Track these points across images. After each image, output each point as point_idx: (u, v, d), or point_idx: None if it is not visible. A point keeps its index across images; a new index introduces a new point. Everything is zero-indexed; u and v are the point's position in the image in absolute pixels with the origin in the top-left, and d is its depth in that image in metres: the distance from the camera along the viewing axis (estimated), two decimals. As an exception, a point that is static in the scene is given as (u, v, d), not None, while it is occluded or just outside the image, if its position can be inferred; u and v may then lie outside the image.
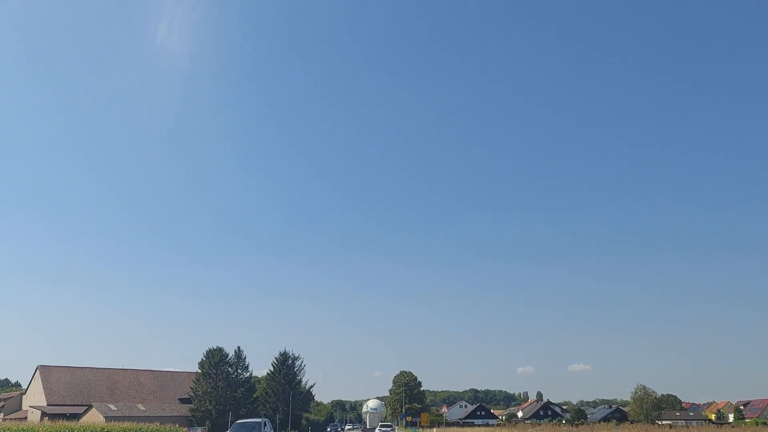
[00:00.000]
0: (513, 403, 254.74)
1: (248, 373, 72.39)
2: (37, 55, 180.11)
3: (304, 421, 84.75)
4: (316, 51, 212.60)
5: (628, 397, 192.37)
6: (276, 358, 77.37)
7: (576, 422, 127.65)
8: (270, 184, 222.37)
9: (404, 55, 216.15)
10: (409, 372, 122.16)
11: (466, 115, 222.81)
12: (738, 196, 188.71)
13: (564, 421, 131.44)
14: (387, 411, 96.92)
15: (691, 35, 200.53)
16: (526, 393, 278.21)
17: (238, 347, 72.81)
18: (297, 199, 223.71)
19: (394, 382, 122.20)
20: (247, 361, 73.15)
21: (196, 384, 69.26)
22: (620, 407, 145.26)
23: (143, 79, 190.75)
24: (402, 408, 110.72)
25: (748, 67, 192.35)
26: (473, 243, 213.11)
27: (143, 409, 68.03)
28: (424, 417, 52.44)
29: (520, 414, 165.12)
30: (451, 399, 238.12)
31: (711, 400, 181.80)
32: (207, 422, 66.77)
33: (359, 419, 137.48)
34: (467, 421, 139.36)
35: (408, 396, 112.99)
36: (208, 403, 67.26)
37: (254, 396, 72.94)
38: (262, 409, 74.64)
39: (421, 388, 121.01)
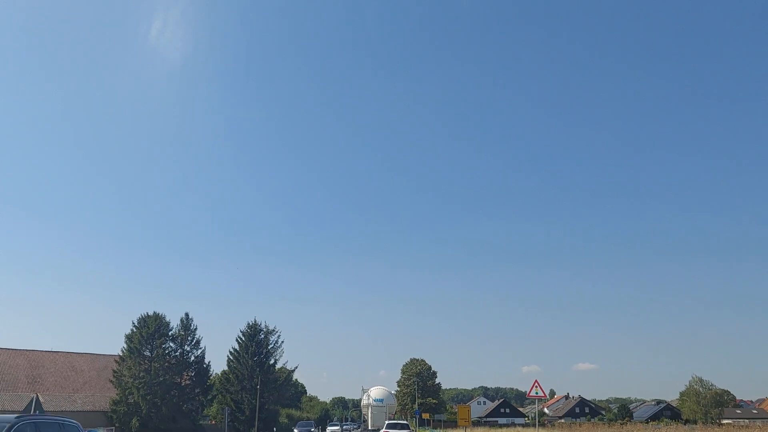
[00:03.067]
0: (526, 401, 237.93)
1: (200, 351, 51.10)
2: (31, 53, 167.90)
3: (285, 419, 63.39)
4: (314, 51, 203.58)
5: (640, 396, 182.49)
6: (242, 332, 55.97)
7: (621, 421, 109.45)
8: (267, 185, 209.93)
9: (403, 55, 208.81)
10: (422, 360, 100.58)
11: (466, 117, 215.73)
12: (746, 195, 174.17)
13: (607, 420, 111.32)
14: (396, 405, 74.88)
15: (690, 36, 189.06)
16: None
17: (186, 314, 51.60)
18: (297, 202, 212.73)
19: (403, 372, 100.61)
20: (200, 334, 51.79)
21: (119, 365, 48.05)
22: (670, 404, 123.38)
23: (136, 79, 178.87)
24: (414, 403, 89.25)
25: (746, 68, 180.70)
26: (475, 245, 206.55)
27: (41, 401, 46.73)
28: (462, 411, 31.25)
29: (547, 411, 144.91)
30: (460, 397, 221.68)
31: (763, 396, 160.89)
32: (134, 420, 45.54)
33: (363, 418, 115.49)
34: (490, 419, 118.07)
35: (420, 389, 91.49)
36: (136, 394, 46.04)
37: (208, 383, 51.60)
38: (220, 401, 53.39)
39: (436, 380, 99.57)
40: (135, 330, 48.60)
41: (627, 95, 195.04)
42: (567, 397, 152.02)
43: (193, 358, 50.86)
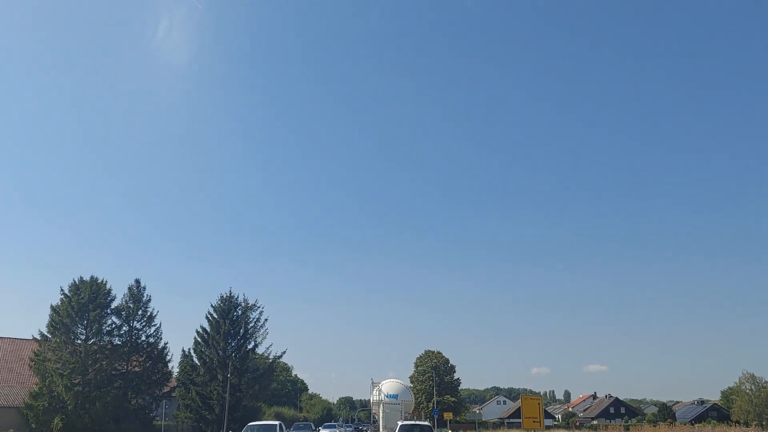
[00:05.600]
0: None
1: (153, 329, 38.86)
2: (40, 57, 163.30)
3: (272, 419, 50.88)
4: (322, 49, 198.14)
5: (652, 396, 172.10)
6: (213, 307, 43.49)
7: (663, 422, 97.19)
8: (276, 185, 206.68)
9: (411, 54, 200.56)
10: (438, 352, 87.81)
11: (476, 116, 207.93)
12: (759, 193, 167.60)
13: (647, 421, 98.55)
14: (414, 402, 61.93)
15: (698, 33, 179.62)
16: (553, 392, 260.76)
17: (137, 281, 39.39)
18: (307, 202, 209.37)
19: (416, 366, 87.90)
20: (155, 308, 39.54)
21: (41, 346, 35.85)
22: (716, 404, 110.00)
23: (144, 80, 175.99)
24: (430, 402, 76.75)
25: (755, 67, 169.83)
26: (484, 245, 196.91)
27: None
28: (529, 406, 18.86)
29: (571, 410, 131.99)
30: (472, 397, 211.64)
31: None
32: (57, 419, 33.32)
33: (372, 419, 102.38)
34: (513, 420, 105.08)
35: (437, 385, 78.79)
36: (59, 384, 33.79)
37: (166, 370, 39.28)
38: (182, 397, 40.98)
39: (455, 375, 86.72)
40: (64, 300, 36.36)
41: (636, 94, 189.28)
42: (594, 396, 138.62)
43: (144, 337, 38.62)
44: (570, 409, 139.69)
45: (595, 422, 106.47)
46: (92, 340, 36.32)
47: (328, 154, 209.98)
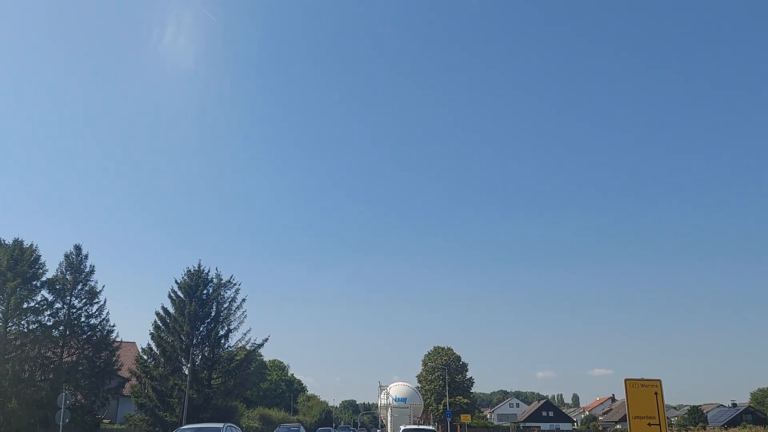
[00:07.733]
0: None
1: (96, 307, 30.77)
2: (44, 56, 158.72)
3: (255, 422, 42.62)
4: (327, 50, 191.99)
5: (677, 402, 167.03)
6: (177, 283, 35.26)
7: (693, 425, 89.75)
8: (281, 186, 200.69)
9: (416, 54, 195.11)
10: (449, 348, 79.29)
11: (477, 117, 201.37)
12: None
13: (677, 425, 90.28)
14: (422, 405, 54.09)
15: (706, 33, 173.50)
16: (561, 395, 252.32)
17: (76, 247, 31.29)
18: (310, 203, 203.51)
19: (424, 364, 79.46)
20: (98, 280, 31.54)
21: (-57, 326, 27.70)
22: (751, 406, 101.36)
23: (151, 83, 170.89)
24: (440, 403, 68.49)
25: (750, 66, 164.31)
26: (489, 246, 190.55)
27: None
28: (640, 396, 11.47)
29: (588, 413, 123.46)
30: (479, 400, 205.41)
31: None
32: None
33: (377, 423, 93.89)
34: (530, 424, 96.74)
35: (448, 385, 70.33)
36: (-36, 374, 25.64)
37: (113, 360, 31.07)
38: (136, 394, 32.78)
39: (467, 374, 78.20)
40: (-23, 268, 28.25)
41: (638, 94, 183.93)
42: (613, 399, 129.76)
43: (84, 317, 30.46)
44: (587, 413, 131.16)
45: (618, 426, 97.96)
46: (13, 321, 28.23)
47: (330, 154, 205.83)
